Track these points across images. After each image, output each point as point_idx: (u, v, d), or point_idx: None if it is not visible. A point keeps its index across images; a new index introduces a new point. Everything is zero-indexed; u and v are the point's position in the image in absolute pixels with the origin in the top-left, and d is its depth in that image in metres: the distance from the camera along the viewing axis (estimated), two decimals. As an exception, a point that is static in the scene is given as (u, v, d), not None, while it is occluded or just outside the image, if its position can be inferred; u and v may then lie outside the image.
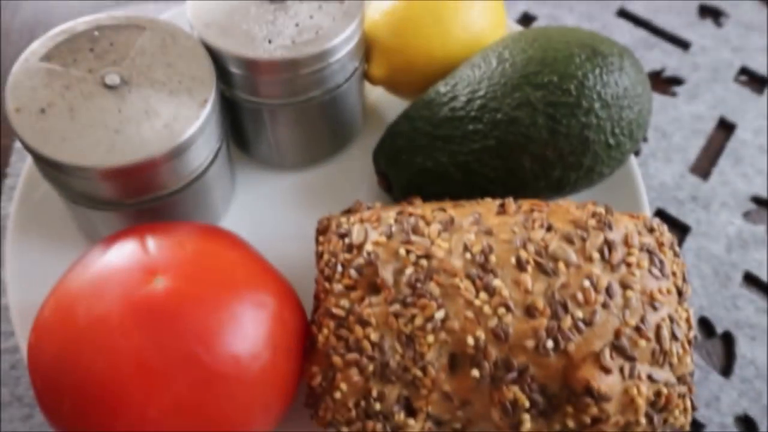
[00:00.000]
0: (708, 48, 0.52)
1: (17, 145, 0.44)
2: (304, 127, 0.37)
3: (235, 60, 0.32)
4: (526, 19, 0.52)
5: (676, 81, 0.50)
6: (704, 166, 0.46)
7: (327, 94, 0.35)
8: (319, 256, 0.31)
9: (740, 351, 0.38)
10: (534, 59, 0.33)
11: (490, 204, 0.30)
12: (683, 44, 0.52)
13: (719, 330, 0.39)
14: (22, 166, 0.39)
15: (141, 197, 0.31)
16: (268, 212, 0.39)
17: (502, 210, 0.29)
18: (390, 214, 0.29)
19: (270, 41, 0.33)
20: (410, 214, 0.29)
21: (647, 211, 0.37)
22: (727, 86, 0.50)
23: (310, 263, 0.34)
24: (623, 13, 0.54)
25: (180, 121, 0.30)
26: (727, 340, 0.39)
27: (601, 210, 0.29)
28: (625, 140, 0.34)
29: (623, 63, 0.33)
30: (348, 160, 0.41)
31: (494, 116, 0.33)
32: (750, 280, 0.41)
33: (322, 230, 0.31)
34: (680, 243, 0.42)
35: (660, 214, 0.43)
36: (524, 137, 0.32)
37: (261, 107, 0.35)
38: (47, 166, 0.30)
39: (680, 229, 0.43)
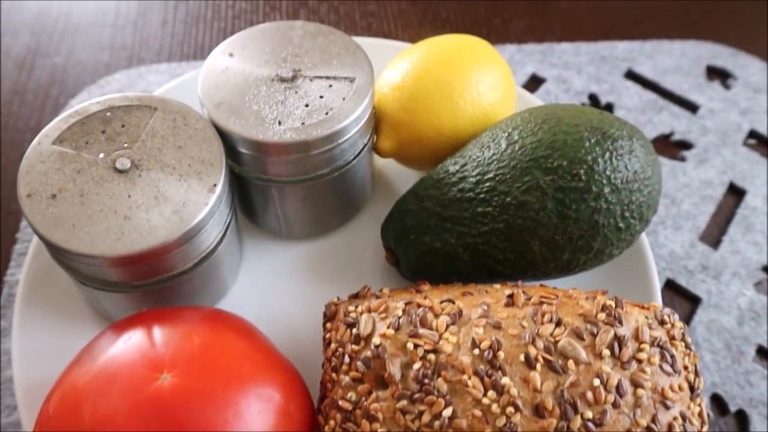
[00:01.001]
0: (716, 111, 0.52)
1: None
2: (313, 203, 0.37)
3: (245, 141, 0.33)
4: (534, 81, 0.53)
5: (685, 145, 0.50)
6: (714, 233, 0.45)
7: (336, 171, 0.36)
8: (327, 343, 0.30)
9: (755, 430, 0.38)
10: (543, 142, 0.33)
11: (499, 293, 0.30)
12: (691, 107, 0.52)
13: (732, 408, 0.38)
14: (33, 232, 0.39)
15: (149, 279, 0.31)
16: (276, 283, 0.39)
17: (511, 302, 0.29)
18: (398, 305, 0.29)
19: (280, 122, 0.33)
20: (418, 305, 0.29)
21: (657, 288, 0.37)
22: (736, 150, 0.49)
23: (317, 337, 0.34)
24: (631, 75, 0.54)
25: (189, 206, 0.30)
26: (741, 418, 0.38)
27: (611, 303, 0.29)
28: (635, 222, 0.34)
29: (633, 146, 0.33)
30: (356, 230, 0.41)
31: (503, 200, 0.33)
32: (763, 354, 0.40)
33: (330, 316, 0.31)
34: (691, 315, 0.42)
35: (670, 285, 0.43)
36: (533, 221, 0.32)
37: (270, 184, 0.35)
38: (56, 250, 0.30)
39: (691, 301, 0.42)
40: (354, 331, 0.29)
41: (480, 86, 0.38)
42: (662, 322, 0.29)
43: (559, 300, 0.29)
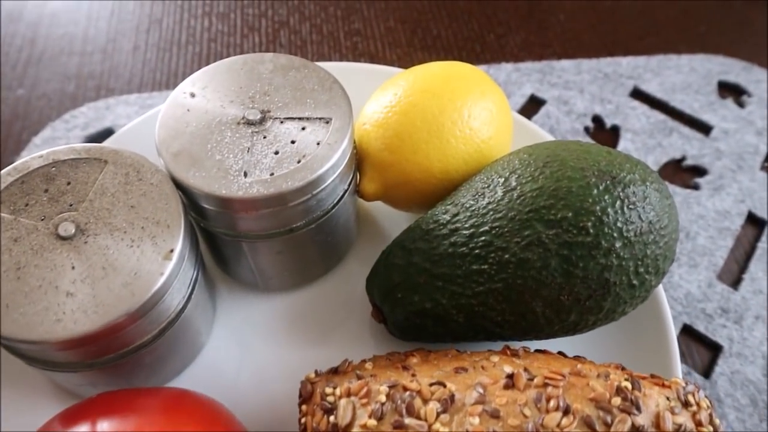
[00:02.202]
0: (731, 132, 0.48)
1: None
2: (290, 255, 0.33)
3: (207, 197, 0.29)
4: (533, 103, 0.49)
5: (698, 171, 0.46)
6: (733, 271, 0.41)
7: (314, 222, 0.32)
8: (302, 429, 0.27)
9: (785, 497, 0.34)
10: (545, 190, 0.29)
11: (497, 371, 0.26)
12: (704, 128, 0.48)
13: (760, 472, 0.35)
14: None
15: (103, 357, 0.28)
16: (255, 339, 0.35)
17: (511, 383, 0.25)
18: (381, 389, 0.25)
19: (246, 174, 0.29)
20: (404, 389, 0.25)
21: (675, 349, 0.33)
22: (754, 176, 0.46)
23: (295, 400, 0.30)
24: (638, 94, 0.50)
25: (142, 277, 0.26)
26: (770, 483, 0.35)
27: (626, 384, 0.25)
28: (650, 278, 0.30)
29: (647, 191, 0.29)
30: (340, 278, 0.37)
31: (501, 256, 0.29)
32: (792, 408, 0.37)
33: (306, 397, 0.27)
34: (711, 366, 0.38)
35: (687, 330, 0.39)
36: (535, 281, 0.29)
37: (240, 240, 0.31)
38: (-11, 334, 0.26)
39: (710, 349, 0.38)
40: (331, 419, 0.25)
41: (473, 120, 0.34)
42: (686, 404, 0.25)
43: (567, 381, 0.25)
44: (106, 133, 0.46)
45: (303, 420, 0.27)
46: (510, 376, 0.26)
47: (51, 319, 0.25)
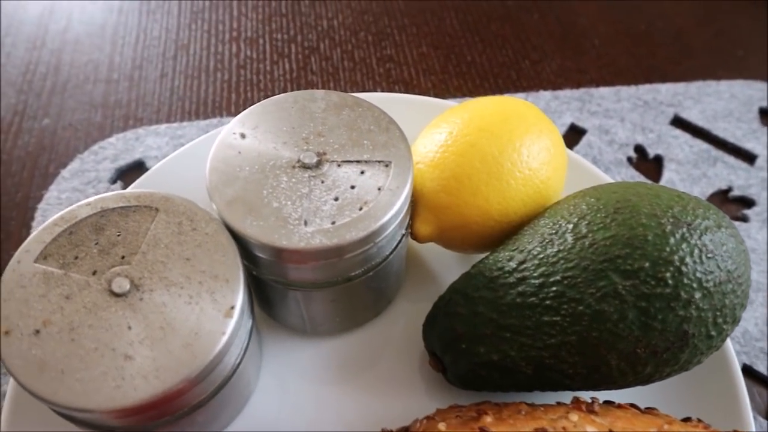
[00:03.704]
0: (776, 160, 0.47)
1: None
2: (343, 304, 0.32)
3: (264, 247, 0.27)
4: (573, 132, 0.48)
5: (746, 202, 0.45)
6: (790, 307, 0.40)
7: (372, 270, 0.30)
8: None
9: None
10: (619, 239, 0.28)
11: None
12: (748, 157, 0.47)
13: None
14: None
15: (158, 421, 0.26)
16: (301, 385, 0.33)
17: (599, 448, 0.24)
18: (462, 455, 0.24)
19: (306, 223, 0.28)
20: (486, 455, 0.24)
21: (743, 386, 0.32)
22: (804, 206, 0.44)
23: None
24: (678, 122, 0.49)
25: (203, 338, 0.25)
26: None
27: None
28: (727, 327, 0.28)
29: (723, 238, 0.28)
30: (389, 321, 0.36)
31: (575, 308, 0.27)
32: None
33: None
34: (774, 410, 0.36)
35: (747, 371, 0.38)
36: (611, 334, 0.27)
37: (293, 289, 0.30)
38: (42, 401, 0.24)
39: (772, 392, 0.37)
40: (409, 489, 0.24)
41: (532, 161, 0.33)
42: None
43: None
44: (137, 166, 0.45)
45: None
46: (596, 442, 0.24)
47: (110, 385, 0.24)
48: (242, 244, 0.28)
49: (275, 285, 0.30)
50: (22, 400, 0.31)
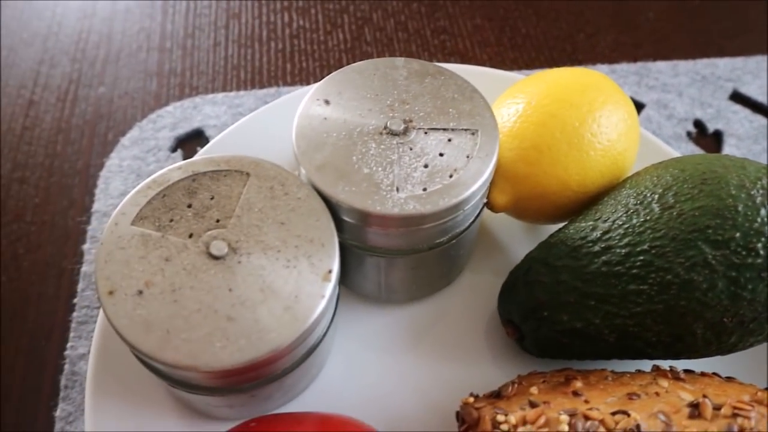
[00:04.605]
0: (837, 137, 0.46)
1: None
2: (423, 271, 0.32)
3: (357, 213, 0.28)
4: (631, 106, 0.47)
5: (807, 178, 0.45)
6: None
7: (456, 237, 0.31)
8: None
9: None
10: (708, 210, 0.28)
11: (673, 398, 0.25)
12: (808, 133, 0.47)
13: None
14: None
15: (250, 383, 0.27)
16: (375, 352, 0.34)
17: (696, 413, 0.24)
18: (562, 417, 0.24)
19: (398, 189, 0.28)
20: (585, 417, 0.24)
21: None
22: None
23: (426, 416, 0.30)
24: (737, 97, 0.49)
25: (303, 301, 0.25)
26: None
27: (822, 417, 0.24)
28: (813, 299, 0.29)
29: (813, 210, 0.28)
30: (459, 290, 0.36)
31: (663, 277, 0.28)
32: None
33: (472, 423, 0.26)
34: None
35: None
36: (699, 303, 0.27)
37: (375, 255, 0.30)
38: (147, 358, 0.25)
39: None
40: (510, 451, 0.24)
41: (611, 132, 0.32)
42: None
43: (757, 412, 0.24)
44: (196, 134, 0.45)
45: (468, 449, 0.26)
46: (694, 405, 0.24)
47: (216, 345, 0.24)
48: (332, 209, 0.28)
49: (357, 251, 0.31)
50: (102, 366, 0.31)
